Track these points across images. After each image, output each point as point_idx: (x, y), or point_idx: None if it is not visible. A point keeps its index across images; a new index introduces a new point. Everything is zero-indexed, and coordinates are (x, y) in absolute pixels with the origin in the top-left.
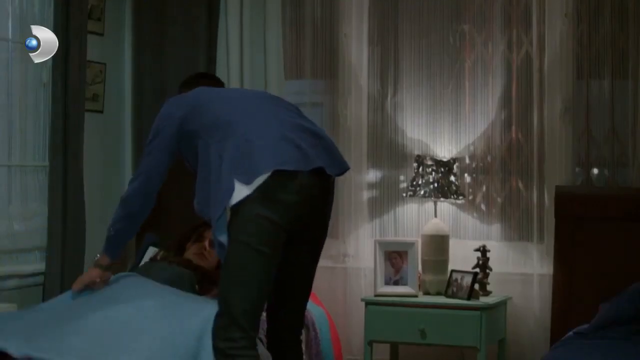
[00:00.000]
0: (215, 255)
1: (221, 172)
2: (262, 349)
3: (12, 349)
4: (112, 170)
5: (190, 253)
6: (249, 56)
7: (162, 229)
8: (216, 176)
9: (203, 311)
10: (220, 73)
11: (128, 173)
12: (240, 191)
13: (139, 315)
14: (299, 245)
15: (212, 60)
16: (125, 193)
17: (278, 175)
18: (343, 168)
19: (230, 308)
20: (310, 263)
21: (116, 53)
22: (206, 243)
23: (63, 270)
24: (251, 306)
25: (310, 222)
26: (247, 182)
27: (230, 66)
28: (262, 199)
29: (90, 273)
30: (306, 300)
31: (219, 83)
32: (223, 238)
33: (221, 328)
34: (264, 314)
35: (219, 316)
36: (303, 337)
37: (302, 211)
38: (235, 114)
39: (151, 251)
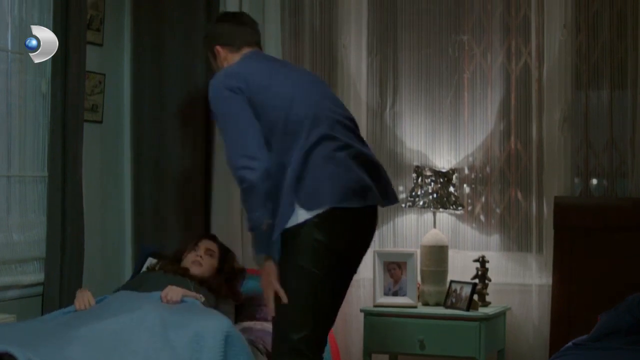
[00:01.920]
0: (210, 263)
1: (283, 189)
2: None
3: (17, 353)
4: (111, 180)
5: (187, 262)
6: None
7: (161, 238)
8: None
9: (198, 322)
10: None
11: (127, 183)
12: (300, 215)
13: (135, 326)
14: (344, 270)
15: (211, 68)
16: (246, 183)
17: (338, 209)
18: (393, 202)
19: (289, 334)
20: (348, 286)
21: (115, 63)
22: (201, 251)
23: (62, 280)
24: (310, 331)
25: (358, 249)
26: (308, 209)
27: None
28: (320, 225)
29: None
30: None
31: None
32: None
33: (281, 355)
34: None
35: (277, 341)
36: None
37: (355, 239)
38: (302, 122)
39: (149, 262)
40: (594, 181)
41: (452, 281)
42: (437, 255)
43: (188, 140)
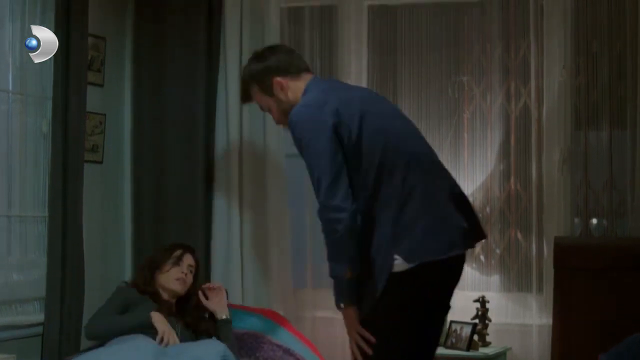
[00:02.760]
0: (189, 280)
1: (382, 243)
2: None
3: None
4: (112, 220)
5: (170, 277)
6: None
7: None
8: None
9: (195, 347)
10: (219, 119)
11: (127, 223)
12: (399, 265)
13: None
14: (441, 313)
15: (211, 107)
16: (332, 235)
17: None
18: (483, 239)
19: None
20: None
21: (116, 104)
22: (185, 267)
23: (62, 320)
24: None
25: (452, 289)
26: (408, 260)
27: (229, 115)
28: (418, 273)
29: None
30: None
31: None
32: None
33: None
34: None
35: None
36: None
37: (452, 283)
38: (397, 162)
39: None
40: (594, 221)
41: (452, 321)
42: None
43: (189, 181)
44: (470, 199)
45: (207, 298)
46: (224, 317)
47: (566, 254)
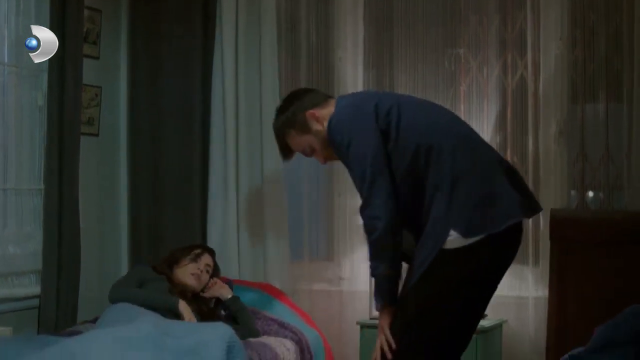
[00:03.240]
0: (204, 279)
1: (437, 219)
2: None
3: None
4: (108, 193)
5: (185, 272)
6: (245, 79)
7: (157, 251)
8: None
9: (200, 331)
10: (215, 97)
11: (124, 196)
12: (454, 241)
13: (133, 334)
14: (491, 288)
15: (207, 83)
16: (376, 234)
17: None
18: (538, 211)
19: (419, 347)
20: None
21: (112, 76)
22: (202, 265)
23: (58, 293)
24: (439, 348)
25: (506, 266)
26: (465, 235)
27: (226, 90)
28: (474, 249)
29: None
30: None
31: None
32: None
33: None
34: None
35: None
36: None
37: (505, 260)
38: (447, 142)
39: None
40: (590, 194)
41: None
42: None
43: (185, 153)
44: None
45: None
46: (229, 296)
47: (562, 227)
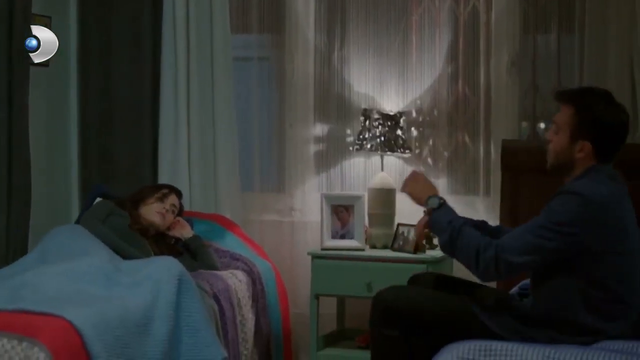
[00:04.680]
0: (169, 219)
1: None
2: None
3: None
4: (58, 124)
5: (151, 210)
6: (195, 10)
7: (108, 183)
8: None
9: (151, 265)
10: (166, 29)
11: (73, 127)
12: None
13: (85, 268)
14: None
15: (157, 14)
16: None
17: None
18: None
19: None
20: None
21: (61, 5)
22: (167, 205)
23: (9, 225)
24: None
25: None
26: None
27: (177, 20)
28: None
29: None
30: None
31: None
32: None
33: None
34: None
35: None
36: (250, 290)
37: None
38: None
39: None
40: (542, 125)
41: (399, 224)
42: (385, 198)
43: (136, 82)
44: (418, 103)
45: None
46: (190, 236)
47: (514, 157)
